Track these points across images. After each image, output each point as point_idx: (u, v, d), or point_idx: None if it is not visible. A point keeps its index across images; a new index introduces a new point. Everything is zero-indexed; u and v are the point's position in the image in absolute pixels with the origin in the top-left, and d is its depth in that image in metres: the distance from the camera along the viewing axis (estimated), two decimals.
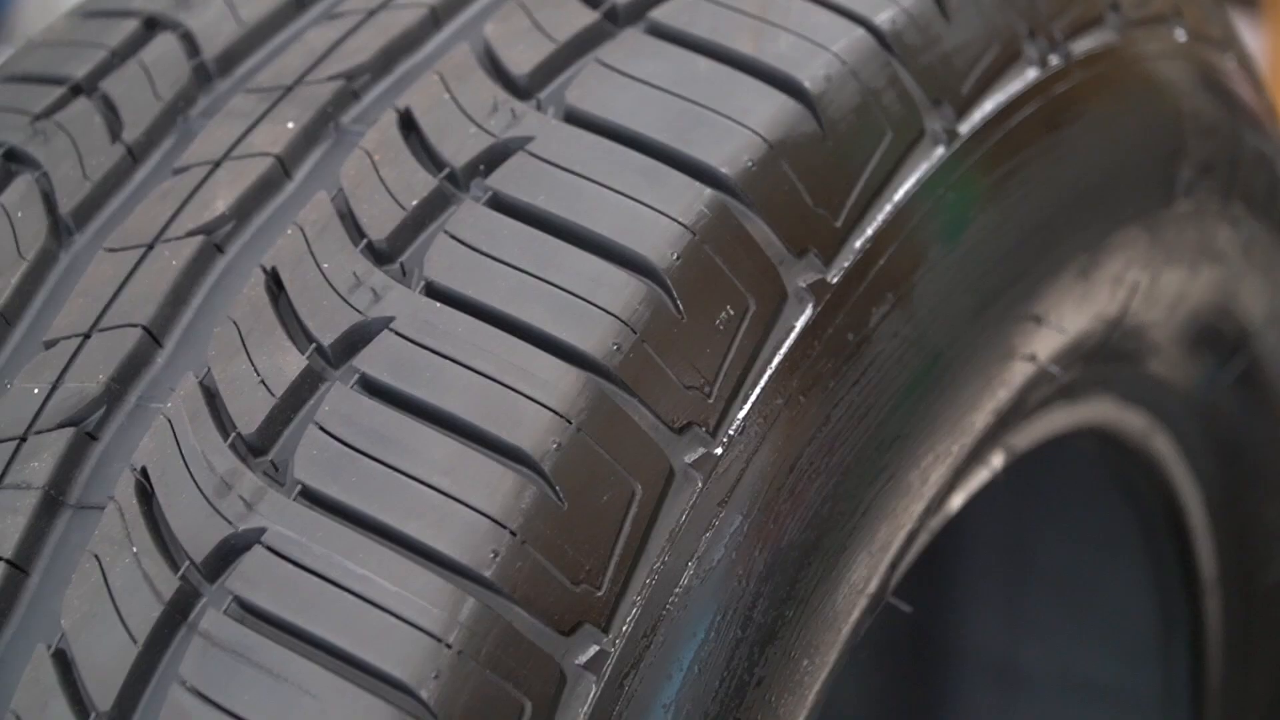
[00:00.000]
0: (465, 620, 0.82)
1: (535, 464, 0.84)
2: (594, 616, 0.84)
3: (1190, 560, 1.40)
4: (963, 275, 0.99)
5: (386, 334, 0.87)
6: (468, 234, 0.90)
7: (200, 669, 0.82)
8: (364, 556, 0.83)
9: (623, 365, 0.86)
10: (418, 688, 0.80)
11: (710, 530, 0.88)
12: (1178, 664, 1.45)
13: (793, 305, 0.91)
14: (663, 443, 0.87)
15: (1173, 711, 1.47)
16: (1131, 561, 1.42)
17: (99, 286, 0.94)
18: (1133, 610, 1.45)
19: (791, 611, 0.91)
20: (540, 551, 0.83)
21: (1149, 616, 1.43)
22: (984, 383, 1.03)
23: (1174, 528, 1.39)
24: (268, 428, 0.87)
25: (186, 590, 0.84)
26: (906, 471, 0.98)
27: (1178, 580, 1.41)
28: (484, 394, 0.85)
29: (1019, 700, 1.58)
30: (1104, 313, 1.14)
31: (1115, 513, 1.40)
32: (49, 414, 0.91)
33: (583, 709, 0.84)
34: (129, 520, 0.87)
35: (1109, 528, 1.42)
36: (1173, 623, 1.43)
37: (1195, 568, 1.40)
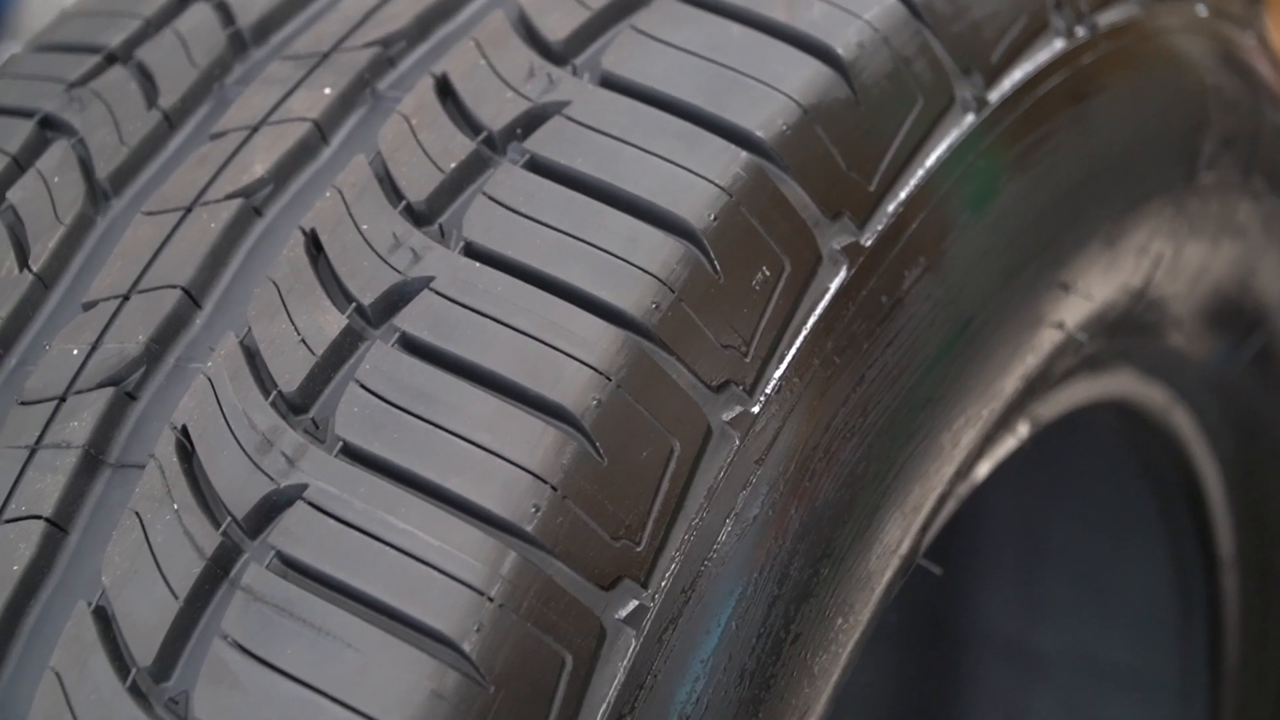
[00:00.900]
0: (507, 574, 0.82)
1: (575, 420, 0.85)
2: (633, 571, 0.85)
3: (1208, 538, 1.40)
4: (993, 241, 1.00)
5: (426, 293, 0.88)
6: (506, 196, 0.91)
7: (242, 623, 0.83)
8: (406, 511, 0.83)
9: (661, 324, 0.87)
10: (460, 640, 0.81)
11: (747, 488, 0.89)
12: (1195, 644, 1.45)
13: (827, 267, 0.92)
14: (701, 401, 0.88)
15: (1191, 692, 1.47)
16: (1149, 540, 1.43)
17: (137, 249, 0.95)
18: (1151, 591, 1.46)
19: (826, 570, 0.92)
20: (580, 507, 0.84)
21: (1167, 597, 1.44)
22: (1013, 348, 1.04)
23: (1193, 505, 1.40)
24: (308, 386, 0.88)
25: (228, 546, 0.85)
26: (938, 434, 0.98)
27: (1196, 558, 1.41)
28: (524, 351, 0.86)
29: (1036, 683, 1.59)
30: (1128, 283, 1.15)
31: (1134, 490, 1.41)
32: (88, 374, 0.92)
33: (622, 663, 0.84)
34: (170, 478, 0.87)
35: (1127, 506, 1.42)
36: (1191, 602, 1.44)
37: (1213, 545, 1.41)
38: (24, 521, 0.89)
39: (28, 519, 0.89)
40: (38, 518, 0.89)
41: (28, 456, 0.91)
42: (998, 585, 1.58)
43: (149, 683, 0.84)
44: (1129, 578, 1.48)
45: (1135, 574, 1.47)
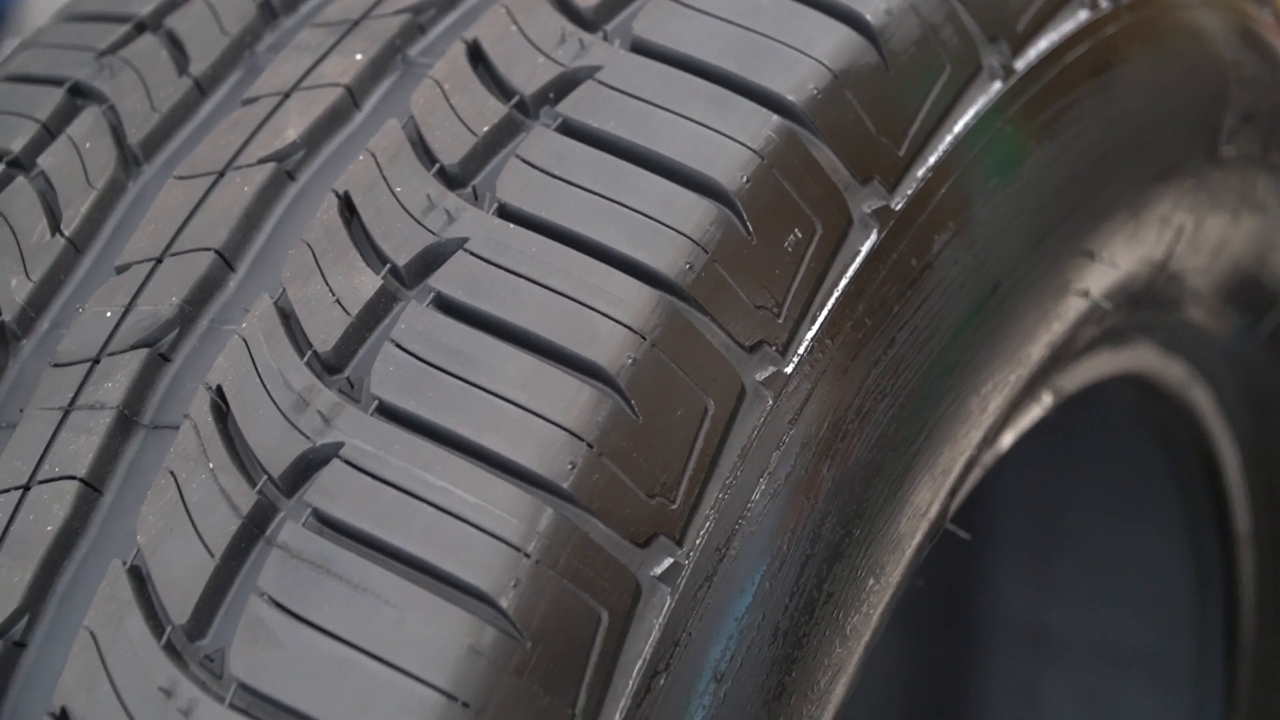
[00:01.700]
0: (543, 530, 0.83)
1: (611, 378, 0.85)
2: (668, 529, 0.85)
3: (1225, 515, 1.41)
4: (1020, 207, 1.01)
5: (461, 254, 0.89)
6: (539, 158, 0.91)
7: (279, 580, 0.83)
8: (442, 469, 0.84)
9: (695, 284, 0.88)
10: (497, 596, 0.81)
11: (781, 447, 0.89)
12: (1211, 625, 1.46)
13: (858, 230, 0.93)
14: (734, 361, 0.88)
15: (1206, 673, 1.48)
16: (1166, 519, 1.43)
17: (170, 213, 0.95)
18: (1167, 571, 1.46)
19: (859, 530, 0.93)
20: (616, 464, 0.84)
21: (1183, 576, 1.44)
22: (1040, 314, 1.04)
23: (1210, 482, 1.40)
24: (343, 346, 0.88)
25: (264, 504, 0.85)
26: (967, 397, 0.99)
27: (1213, 537, 1.42)
28: (559, 311, 0.87)
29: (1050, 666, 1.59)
30: (1150, 255, 1.15)
31: (1151, 468, 1.41)
32: (122, 336, 0.92)
33: (657, 620, 0.85)
34: (205, 437, 0.88)
35: (1144, 485, 1.43)
36: (1207, 581, 1.44)
37: (1230, 523, 1.42)
38: (58, 482, 0.90)
39: (62, 479, 0.90)
40: (72, 478, 0.89)
41: (61, 418, 0.91)
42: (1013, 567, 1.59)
43: (184, 641, 0.84)
44: (1145, 558, 1.48)
45: (1151, 554, 1.48)
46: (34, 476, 0.90)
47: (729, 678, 0.87)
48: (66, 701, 0.84)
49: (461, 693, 0.80)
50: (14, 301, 0.95)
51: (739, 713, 0.88)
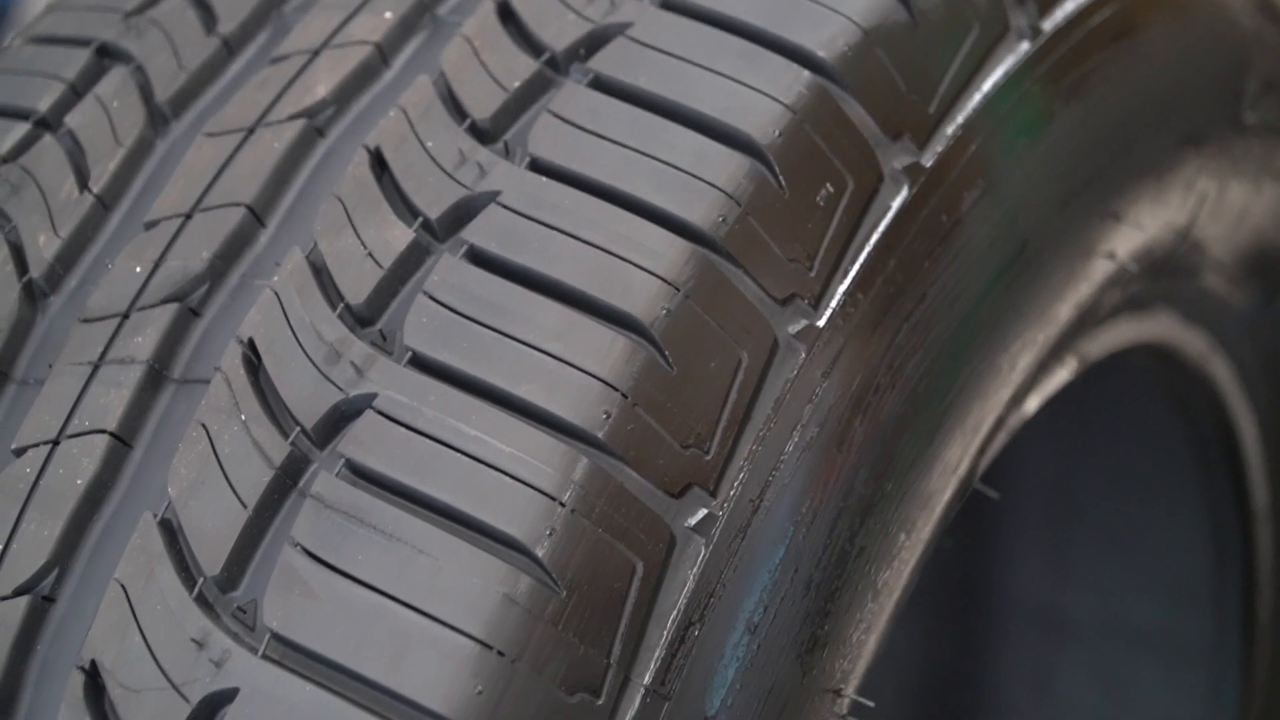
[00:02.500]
0: (579, 480, 0.82)
1: (645, 329, 0.85)
2: (702, 480, 0.85)
3: (1244, 490, 1.41)
4: (1048, 167, 1.01)
5: (493, 207, 0.89)
6: (571, 113, 0.91)
7: (313, 531, 0.83)
8: (476, 419, 0.84)
9: (728, 237, 0.88)
10: (532, 545, 0.81)
11: (814, 400, 0.89)
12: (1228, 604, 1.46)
13: (889, 186, 0.93)
14: (767, 313, 0.88)
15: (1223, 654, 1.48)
16: (1184, 495, 1.43)
17: (200, 169, 0.95)
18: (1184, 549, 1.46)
19: (890, 485, 0.93)
20: (650, 414, 0.84)
21: (1200, 555, 1.44)
22: (1068, 275, 1.05)
23: (1229, 456, 1.40)
24: (376, 299, 0.88)
25: (297, 456, 0.85)
26: (996, 355, 0.99)
27: (1231, 513, 1.42)
28: (593, 262, 0.86)
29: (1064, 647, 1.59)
30: (1174, 220, 1.16)
31: (1170, 442, 1.41)
32: (152, 291, 0.92)
33: (692, 570, 0.84)
34: (237, 390, 0.87)
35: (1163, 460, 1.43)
36: (1225, 560, 1.44)
37: (1248, 498, 1.42)
38: (88, 436, 0.89)
39: (92, 434, 0.89)
40: (102, 432, 0.89)
41: (91, 372, 0.91)
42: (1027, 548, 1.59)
43: (216, 593, 0.84)
44: (1161, 536, 1.48)
45: (1168, 532, 1.48)
46: (63, 431, 0.90)
47: (762, 629, 0.87)
48: (96, 654, 0.84)
49: (497, 641, 0.80)
50: (42, 258, 0.95)
51: (772, 665, 0.88)
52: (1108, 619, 1.55)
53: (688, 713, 0.84)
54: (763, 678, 0.88)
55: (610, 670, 0.82)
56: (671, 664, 0.84)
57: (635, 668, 0.83)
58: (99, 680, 0.84)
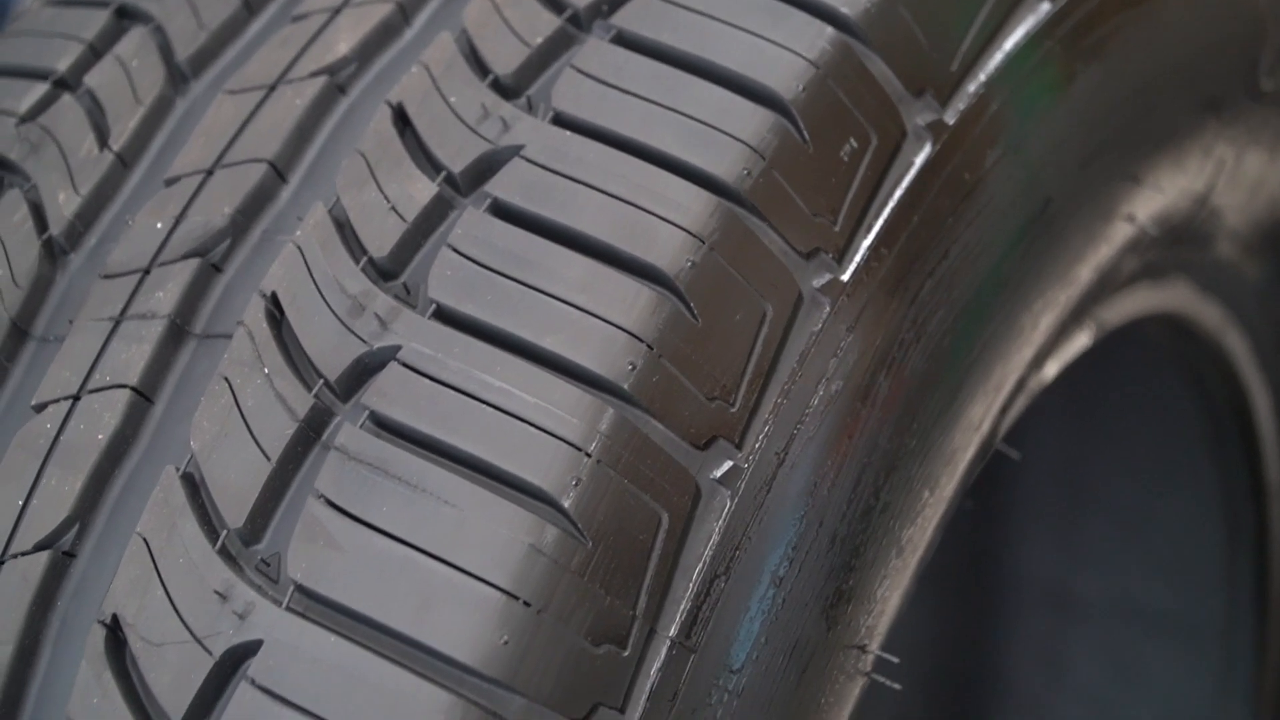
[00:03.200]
0: (604, 430, 0.82)
1: (670, 281, 0.85)
2: (728, 432, 0.85)
3: (1257, 466, 1.41)
4: (1069, 127, 1.01)
5: (517, 161, 0.88)
6: (594, 68, 0.91)
7: (337, 482, 0.82)
8: (502, 370, 0.83)
9: (752, 190, 0.87)
10: (558, 496, 0.81)
11: (838, 354, 0.89)
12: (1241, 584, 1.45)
13: (912, 142, 0.93)
14: (792, 267, 0.88)
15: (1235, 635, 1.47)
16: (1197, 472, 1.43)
17: (221, 126, 0.95)
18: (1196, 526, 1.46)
19: (914, 441, 0.92)
20: (676, 366, 0.84)
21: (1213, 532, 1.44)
22: (1088, 236, 1.05)
23: (1242, 431, 1.40)
24: (399, 252, 0.88)
25: (320, 408, 0.85)
26: (1019, 314, 0.99)
27: (1245, 490, 1.42)
28: (618, 215, 0.86)
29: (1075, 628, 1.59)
30: (1192, 186, 1.16)
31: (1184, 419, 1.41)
32: (173, 246, 0.92)
33: (717, 523, 0.84)
34: (260, 343, 0.87)
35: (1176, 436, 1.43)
36: (1238, 538, 1.44)
37: (1262, 474, 1.42)
38: (109, 391, 0.89)
39: (113, 388, 0.89)
40: (123, 387, 0.89)
41: (112, 328, 0.90)
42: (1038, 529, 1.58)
43: (239, 545, 0.83)
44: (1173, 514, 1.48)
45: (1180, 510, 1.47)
46: (84, 386, 0.90)
47: (788, 583, 0.87)
48: (118, 608, 0.84)
49: (523, 591, 0.80)
50: (62, 216, 0.95)
51: (797, 618, 0.88)
52: (1119, 599, 1.54)
53: (713, 666, 0.84)
54: (788, 632, 0.87)
55: (636, 622, 0.82)
56: (697, 616, 0.83)
57: (661, 620, 0.82)
58: (120, 634, 0.83)
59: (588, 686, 0.80)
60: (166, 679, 0.82)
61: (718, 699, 0.85)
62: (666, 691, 0.82)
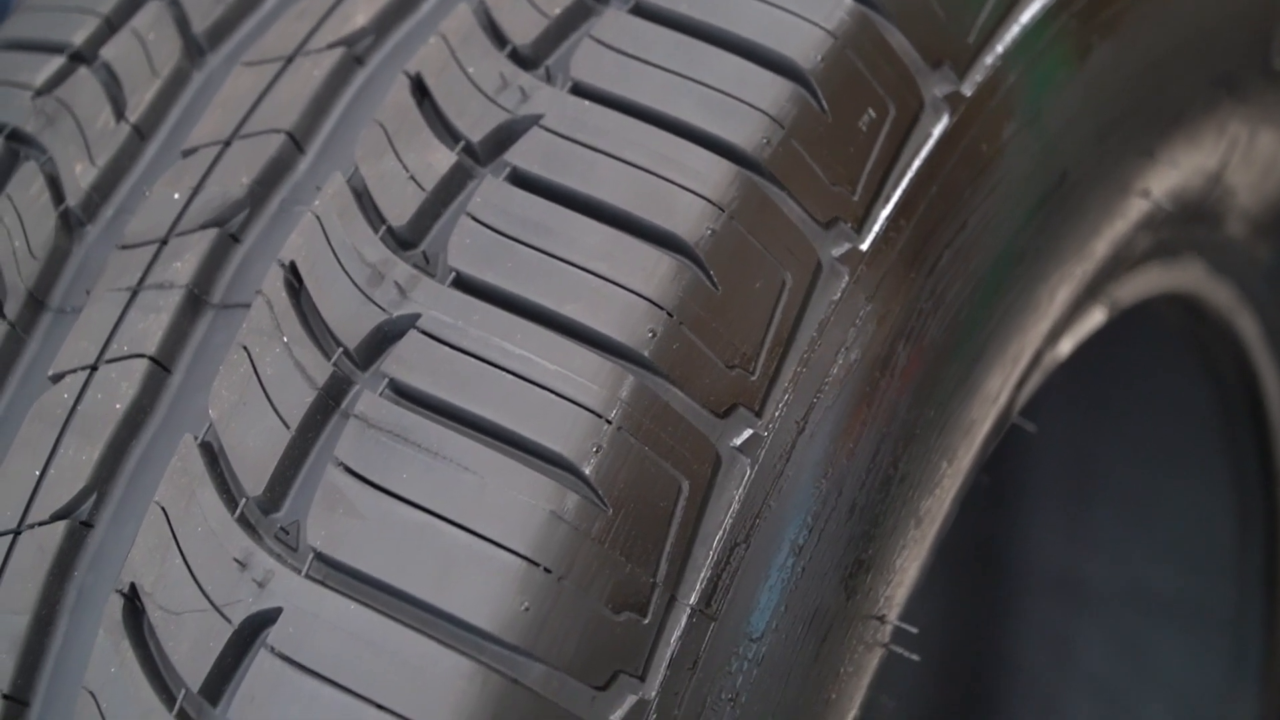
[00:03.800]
0: (625, 398, 0.82)
1: (690, 249, 0.85)
2: (748, 400, 0.85)
3: (1268, 450, 1.41)
4: (1085, 101, 1.01)
5: (536, 130, 0.88)
6: (613, 38, 0.91)
7: (357, 450, 0.82)
8: (521, 338, 0.83)
9: (772, 159, 0.87)
10: (579, 462, 0.81)
11: (857, 323, 0.89)
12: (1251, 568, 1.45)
13: (930, 114, 0.93)
14: (811, 236, 0.88)
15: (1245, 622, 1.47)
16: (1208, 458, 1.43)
17: (238, 97, 0.95)
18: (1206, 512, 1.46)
19: (932, 411, 0.92)
20: (696, 333, 0.84)
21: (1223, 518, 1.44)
22: (1104, 210, 1.05)
23: (1253, 415, 1.40)
24: (418, 221, 0.88)
25: (340, 376, 0.85)
26: (1035, 287, 0.99)
27: (1255, 474, 1.42)
28: (637, 183, 0.86)
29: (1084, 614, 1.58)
30: (1206, 164, 1.16)
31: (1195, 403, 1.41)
32: (190, 216, 0.91)
33: (737, 491, 0.84)
34: (279, 312, 0.87)
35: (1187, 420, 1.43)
36: (1248, 522, 1.44)
37: (1272, 458, 1.41)
38: (127, 361, 0.89)
39: (130, 358, 0.89)
40: (141, 356, 0.89)
41: (129, 298, 0.90)
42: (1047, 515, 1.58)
43: (258, 514, 0.83)
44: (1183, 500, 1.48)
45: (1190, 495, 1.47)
46: (102, 356, 0.89)
47: (807, 552, 0.87)
48: (136, 577, 0.83)
49: (543, 558, 0.79)
50: (79, 187, 0.95)
51: (817, 587, 0.88)
52: (1128, 585, 1.54)
53: (733, 634, 0.84)
54: (807, 601, 0.87)
55: (656, 589, 0.82)
56: (717, 584, 0.83)
57: (681, 588, 0.82)
58: (138, 604, 0.83)
59: (608, 654, 0.80)
60: (185, 647, 0.82)
61: (738, 667, 0.85)
62: (687, 659, 0.82)
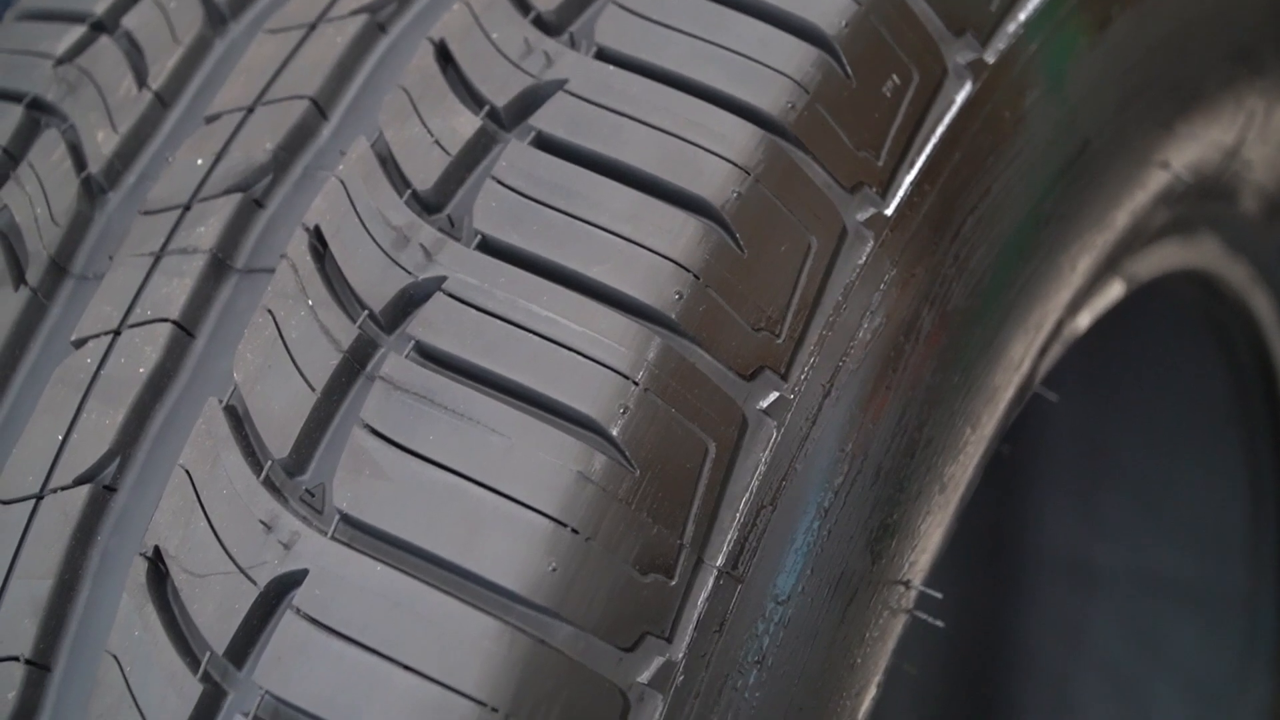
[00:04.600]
0: (652, 359, 0.82)
1: (715, 212, 0.85)
2: (774, 363, 0.85)
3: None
4: (1106, 70, 1.02)
5: (561, 95, 0.88)
6: (638, 4, 0.91)
7: (383, 412, 0.82)
8: (548, 300, 0.83)
9: (797, 123, 0.87)
10: (606, 423, 0.81)
11: (882, 288, 0.89)
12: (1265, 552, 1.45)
13: (953, 80, 0.93)
14: (836, 200, 0.88)
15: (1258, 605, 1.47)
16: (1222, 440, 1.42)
17: (261, 64, 0.95)
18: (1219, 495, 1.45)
19: (956, 377, 0.92)
20: (722, 295, 0.84)
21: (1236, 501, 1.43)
22: (1125, 180, 1.05)
23: (1269, 396, 1.40)
24: (443, 185, 0.88)
25: (365, 339, 0.85)
26: (1058, 255, 0.99)
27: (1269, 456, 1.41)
28: (663, 147, 0.86)
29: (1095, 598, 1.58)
30: (1223, 138, 1.16)
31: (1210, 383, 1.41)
32: (214, 182, 0.91)
33: (763, 454, 0.84)
34: (303, 276, 0.87)
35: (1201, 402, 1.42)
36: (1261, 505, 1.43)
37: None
38: (150, 325, 0.89)
39: (154, 323, 0.89)
40: (164, 321, 0.89)
41: (153, 263, 0.90)
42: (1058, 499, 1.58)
43: (283, 476, 0.83)
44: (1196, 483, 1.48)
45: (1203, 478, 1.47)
46: (125, 321, 0.89)
47: (833, 514, 0.87)
48: (160, 540, 0.83)
49: (571, 519, 0.79)
50: (101, 154, 0.95)
51: (843, 550, 0.87)
52: (1140, 568, 1.54)
53: (760, 596, 0.84)
54: (833, 564, 0.87)
55: (683, 551, 0.81)
56: (744, 546, 0.83)
57: (708, 549, 0.82)
58: (162, 567, 0.83)
59: (635, 615, 0.80)
60: (210, 610, 0.81)
61: (764, 629, 0.84)
62: (714, 621, 0.82)
